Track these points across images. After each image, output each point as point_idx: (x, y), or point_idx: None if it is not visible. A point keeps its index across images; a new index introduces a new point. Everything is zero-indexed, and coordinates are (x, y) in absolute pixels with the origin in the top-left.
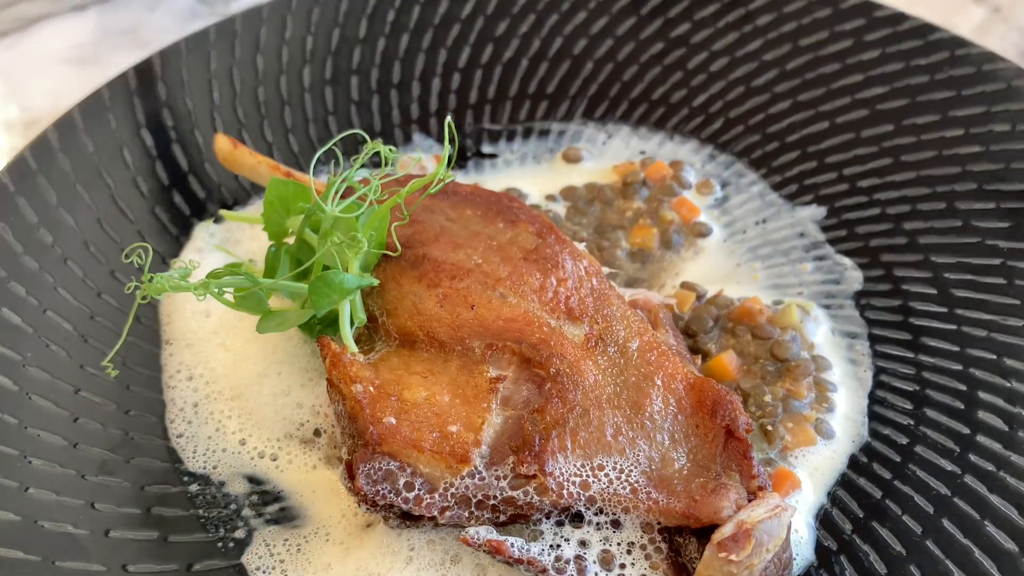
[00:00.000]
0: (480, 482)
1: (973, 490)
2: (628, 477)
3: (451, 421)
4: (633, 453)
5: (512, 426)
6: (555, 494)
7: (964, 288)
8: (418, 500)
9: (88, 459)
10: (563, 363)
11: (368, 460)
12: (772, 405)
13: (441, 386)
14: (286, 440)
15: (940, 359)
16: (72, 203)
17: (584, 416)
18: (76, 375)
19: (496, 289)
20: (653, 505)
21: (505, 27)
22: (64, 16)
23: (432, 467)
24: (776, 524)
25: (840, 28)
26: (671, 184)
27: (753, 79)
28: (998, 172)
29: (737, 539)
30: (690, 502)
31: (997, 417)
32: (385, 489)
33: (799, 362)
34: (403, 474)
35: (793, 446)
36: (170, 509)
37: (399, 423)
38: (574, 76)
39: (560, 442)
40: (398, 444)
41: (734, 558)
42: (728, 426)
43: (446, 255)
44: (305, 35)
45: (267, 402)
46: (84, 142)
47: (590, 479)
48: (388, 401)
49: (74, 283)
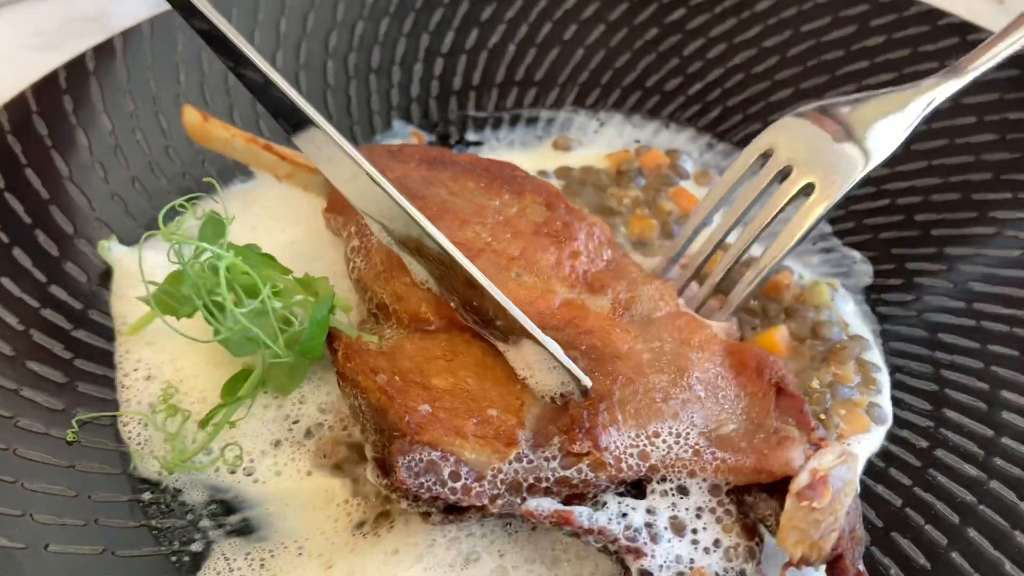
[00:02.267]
0: (529, 465)
1: (1000, 497)
2: (687, 440)
3: (488, 405)
4: (687, 416)
5: (551, 408)
6: (613, 468)
7: (983, 282)
8: (466, 490)
9: (27, 465)
10: (593, 337)
11: (407, 452)
12: (820, 392)
13: (467, 369)
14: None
15: (959, 356)
16: (22, 188)
17: (629, 385)
18: (19, 372)
19: (511, 270)
20: (721, 464)
21: (491, 11)
22: (28, 2)
23: (478, 453)
24: (846, 469)
25: (844, 13)
26: (668, 174)
27: (752, 66)
28: (1015, 161)
29: (815, 487)
30: (759, 456)
31: (1023, 418)
32: (430, 481)
33: (843, 344)
34: (447, 463)
35: (848, 434)
36: (118, 520)
37: (435, 410)
38: (564, 63)
39: (610, 415)
40: (439, 432)
41: (816, 505)
42: (778, 383)
43: (454, 234)
44: (279, 17)
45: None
46: (36, 125)
47: (648, 448)
48: (417, 389)
49: (20, 274)
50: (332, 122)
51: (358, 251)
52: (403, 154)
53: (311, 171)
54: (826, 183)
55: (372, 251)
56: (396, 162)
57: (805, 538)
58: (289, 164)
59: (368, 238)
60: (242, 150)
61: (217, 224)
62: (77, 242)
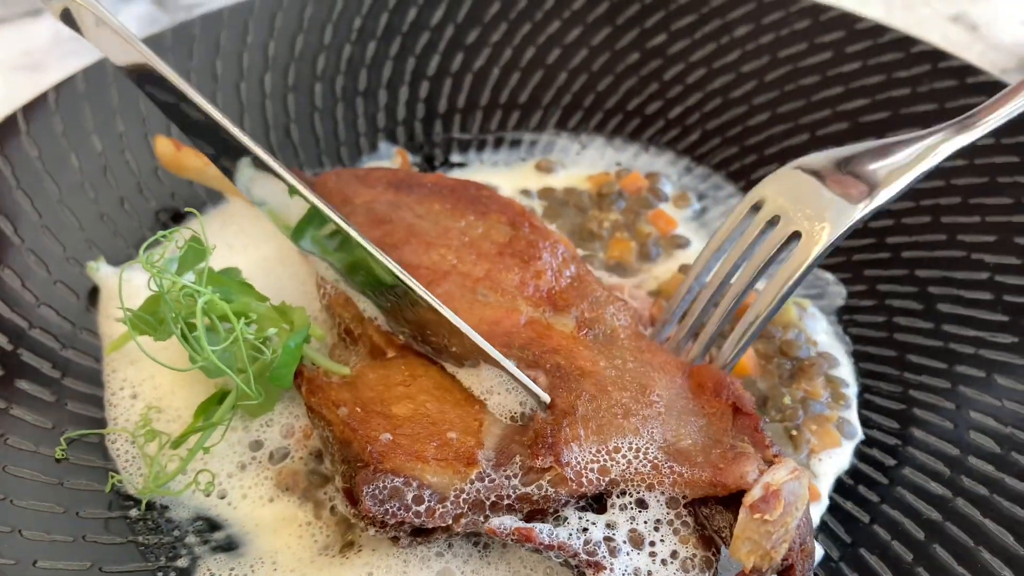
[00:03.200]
0: (491, 483)
1: (965, 515)
2: (646, 455)
3: (447, 428)
4: (647, 431)
5: (513, 427)
6: (574, 483)
7: (951, 303)
8: (430, 512)
9: (17, 483)
10: (558, 356)
11: (371, 481)
12: (792, 408)
13: (427, 393)
14: (235, 466)
15: (927, 377)
16: (12, 210)
17: (592, 401)
18: (9, 391)
19: (476, 291)
20: (678, 478)
21: (476, 35)
22: (17, 22)
23: (439, 475)
24: (798, 485)
25: (820, 40)
26: (647, 196)
27: (731, 91)
28: (983, 186)
29: (767, 500)
30: (715, 470)
31: (988, 437)
32: (394, 507)
33: (812, 360)
34: (410, 488)
35: (819, 448)
36: (107, 536)
37: (396, 438)
38: (547, 86)
39: (572, 431)
40: (400, 459)
41: (768, 518)
42: (734, 403)
43: (420, 258)
44: (267, 40)
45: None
46: (26, 147)
47: (608, 463)
48: (378, 419)
49: (10, 294)
50: (319, 144)
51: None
52: (370, 179)
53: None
54: (815, 230)
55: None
56: (363, 187)
57: (757, 549)
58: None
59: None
60: (216, 178)
61: (197, 253)
62: (67, 262)
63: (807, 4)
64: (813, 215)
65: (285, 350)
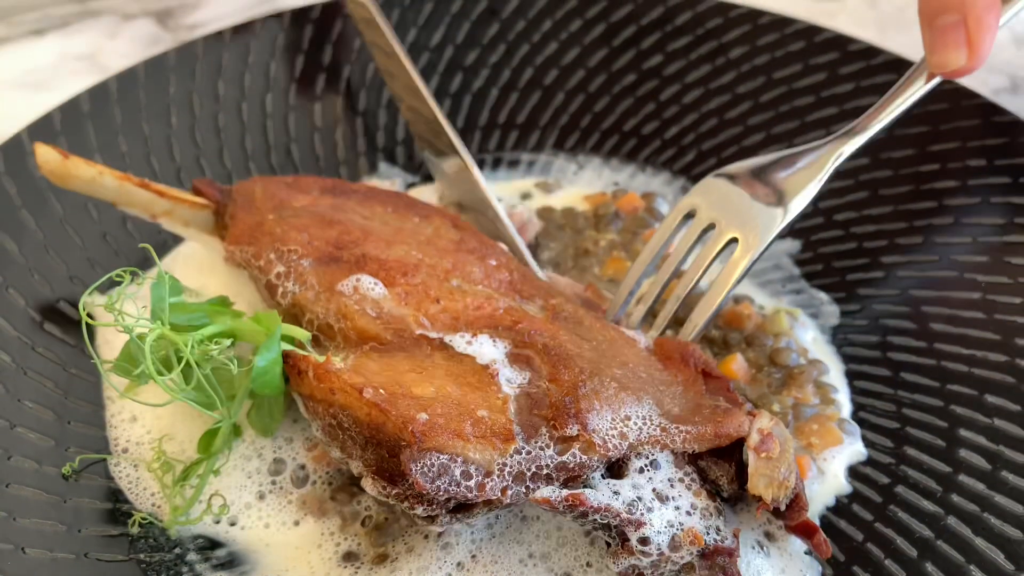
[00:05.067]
0: (528, 456)
1: (957, 532)
2: (652, 420)
3: (475, 408)
4: (644, 402)
5: (529, 401)
6: (601, 448)
7: (943, 322)
8: (480, 486)
9: (21, 499)
10: (544, 337)
11: (418, 459)
12: (781, 414)
13: (441, 380)
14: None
15: (920, 395)
16: (16, 229)
17: (593, 376)
18: (12, 410)
19: (450, 280)
20: (688, 435)
21: (475, 57)
22: (21, 41)
23: (481, 452)
24: (780, 427)
25: (814, 61)
26: (643, 216)
27: (726, 111)
28: (975, 207)
29: (766, 441)
30: (715, 424)
31: (980, 456)
32: (445, 483)
33: (801, 368)
34: (456, 464)
35: (820, 447)
36: (108, 553)
37: (432, 417)
38: (545, 107)
39: (588, 402)
40: (443, 437)
41: (773, 455)
42: (704, 369)
43: (386, 253)
44: (268, 61)
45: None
46: (32, 166)
47: (625, 429)
48: (405, 400)
49: (15, 312)
50: (319, 163)
51: (287, 276)
52: (301, 185)
53: (193, 205)
54: (748, 237)
55: (305, 273)
56: (298, 192)
57: (773, 482)
58: (168, 200)
59: (295, 261)
60: (113, 189)
61: (158, 286)
62: (70, 282)
63: (802, 26)
64: (745, 221)
65: (261, 353)
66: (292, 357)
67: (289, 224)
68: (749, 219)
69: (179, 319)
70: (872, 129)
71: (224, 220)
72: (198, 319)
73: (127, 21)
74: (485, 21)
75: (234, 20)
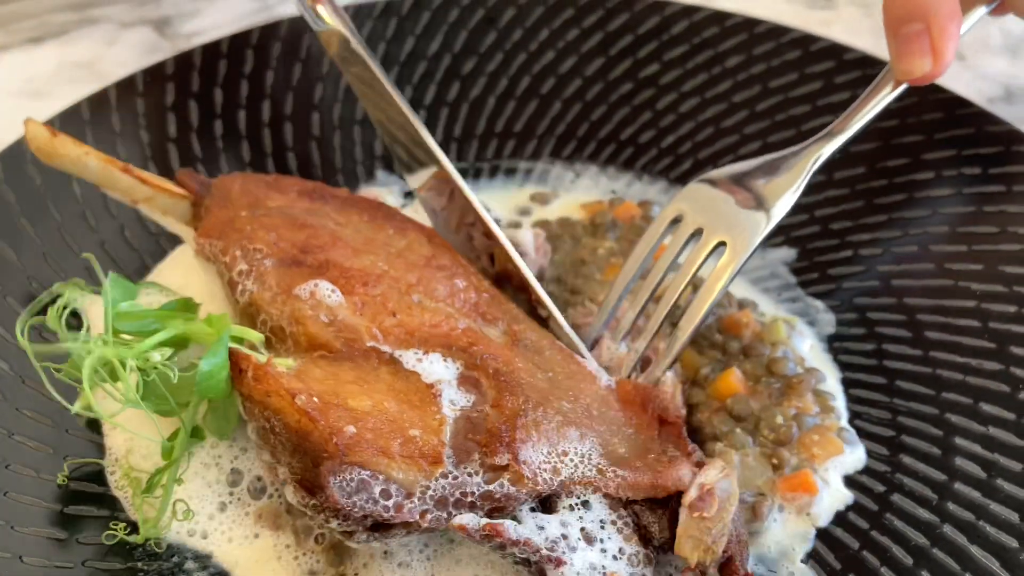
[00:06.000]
0: (454, 481)
1: (952, 541)
2: (591, 460)
3: (408, 426)
4: (587, 439)
5: (467, 425)
6: (531, 482)
7: (939, 331)
8: (398, 507)
9: (19, 508)
10: (497, 362)
11: (337, 472)
12: (785, 426)
13: (381, 394)
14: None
15: (916, 403)
16: (15, 237)
17: (537, 407)
18: (11, 418)
19: (411, 294)
20: (623, 481)
21: (472, 65)
22: (20, 48)
23: (405, 472)
24: (728, 483)
25: (810, 70)
26: (640, 224)
27: (722, 120)
28: (969, 215)
29: (704, 499)
30: (655, 474)
31: (975, 464)
32: (362, 499)
33: (800, 377)
34: (377, 482)
35: (822, 457)
36: (106, 562)
37: (360, 431)
38: (542, 115)
39: (525, 432)
40: (367, 453)
41: (707, 515)
42: (660, 415)
43: (351, 261)
44: (264, 70)
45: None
46: (31, 174)
47: (559, 464)
48: (337, 411)
49: (13, 320)
50: (317, 171)
51: (247, 274)
52: (280, 184)
53: (172, 195)
54: (736, 241)
55: (265, 273)
56: (275, 191)
57: (700, 544)
58: (149, 187)
59: (259, 261)
60: (96, 171)
61: (105, 296)
62: None
63: (797, 35)
64: (732, 225)
65: (207, 357)
66: (235, 355)
67: (259, 223)
68: (736, 223)
69: (130, 326)
70: (848, 131)
71: (200, 212)
72: (148, 325)
73: (125, 29)
74: (482, 30)
75: (232, 28)
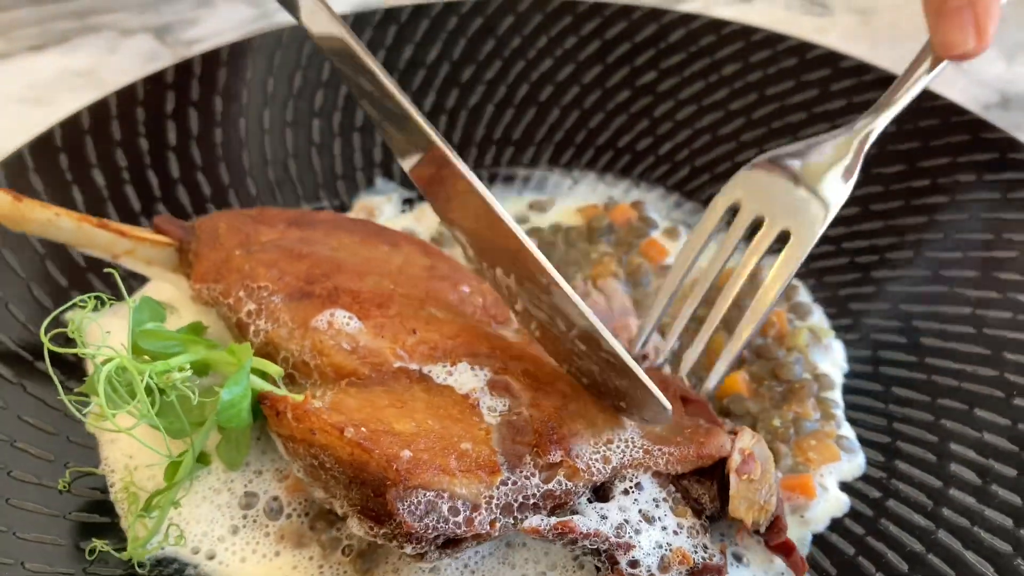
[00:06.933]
0: (515, 486)
1: (947, 546)
2: (635, 443)
3: (458, 440)
4: (624, 424)
5: (510, 429)
6: (586, 474)
7: (934, 337)
8: (468, 521)
9: (21, 514)
10: (524, 363)
11: (404, 497)
12: (783, 428)
13: (421, 413)
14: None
15: (911, 410)
16: (17, 244)
17: (574, 401)
18: (13, 425)
19: (425, 309)
20: (671, 456)
21: (471, 73)
22: (21, 56)
23: (467, 486)
24: (761, 447)
25: (807, 78)
26: (638, 225)
27: (720, 128)
28: (964, 222)
29: (747, 463)
30: (697, 445)
31: (970, 470)
32: (433, 520)
33: (802, 383)
34: (443, 501)
35: (819, 463)
36: (107, 569)
37: (415, 453)
38: (540, 123)
39: (570, 427)
40: (428, 473)
41: (754, 477)
42: (681, 394)
43: (358, 285)
44: (266, 77)
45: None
46: (33, 182)
47: (607, 453)
48: (387, 437)
49: (14, 327)
50: (317, 179)
51: (258, 314)
52: (266, 217)
53: (155, 244)
54: (800, 228)
55: (276, 310)
56: (263, 225)
57: (753, 505)
58: (129, 240)
59: (266, 298)
60: (70, 231)
61: (138, 311)
62: (71, 294)
63: (794, 43)
64: (796, 212)
65: (228, 386)
66: (270, 398)
67: (257, 260)
68: (796, 210)
69: (153, 346)
70: (895, 105)
71: (188, 258)
72: (171, 347)
73: (126, 36)
74: (481, 38)
75: (232, 36)
